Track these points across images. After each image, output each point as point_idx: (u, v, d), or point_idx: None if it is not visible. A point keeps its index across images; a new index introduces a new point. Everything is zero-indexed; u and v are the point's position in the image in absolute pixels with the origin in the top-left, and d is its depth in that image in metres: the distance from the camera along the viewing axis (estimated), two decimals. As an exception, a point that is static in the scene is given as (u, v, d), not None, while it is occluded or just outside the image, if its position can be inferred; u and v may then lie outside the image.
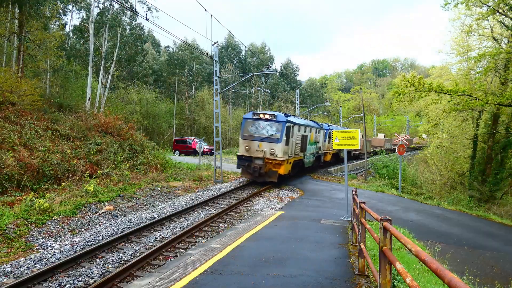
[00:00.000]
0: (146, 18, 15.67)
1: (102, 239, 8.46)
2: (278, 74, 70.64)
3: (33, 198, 10.45)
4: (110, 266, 6.92)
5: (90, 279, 6.28)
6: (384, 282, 3.47)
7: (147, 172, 18.28)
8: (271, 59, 68.40)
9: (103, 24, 27.67)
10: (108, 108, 28.17)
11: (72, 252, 7.54)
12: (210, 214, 11.51)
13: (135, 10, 16.49)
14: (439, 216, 13.37)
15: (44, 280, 6.19)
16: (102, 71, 27.95)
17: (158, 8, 42.27)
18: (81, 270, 6.63)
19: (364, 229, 5.64)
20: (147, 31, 49.54)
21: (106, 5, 28.14)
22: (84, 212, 10.87)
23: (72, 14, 35.23)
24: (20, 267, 6.66)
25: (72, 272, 6.58)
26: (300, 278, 5.30)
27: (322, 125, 25.97)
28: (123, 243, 8.35)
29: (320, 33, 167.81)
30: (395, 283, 4.90)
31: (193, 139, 35.21)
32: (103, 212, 11.11)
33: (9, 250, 7.64)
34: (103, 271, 6.64)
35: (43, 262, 6.94)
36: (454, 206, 16.67)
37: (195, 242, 8.65)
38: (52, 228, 9.16)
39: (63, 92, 28.70)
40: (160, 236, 8.96)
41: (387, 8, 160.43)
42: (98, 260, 7.23)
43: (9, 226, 8.60)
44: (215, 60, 18.74)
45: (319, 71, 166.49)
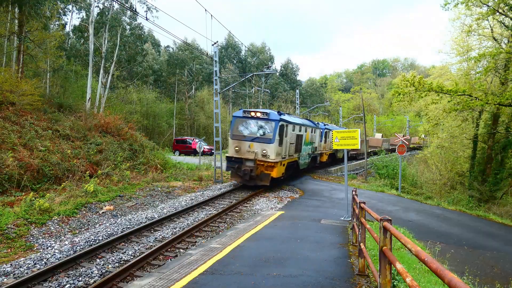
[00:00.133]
0: (146, 18, 15.68)
1: (102, 239, 8.46)
2: (278, 74, 70.63)
3: (33, 198, 10.44)
4: (110, 266, 6.92)
5: (90, 279, 6.28)
6: (384, 282, 3.47)
7: (147, 172, 18.28)
8: (271, 59, 68.40)
9: (103, 24, 27.68)
10: (108, 108, 28.17)
11: (72, 252, 7.54)
12: (210, 214, 11.51)
13: (135, 10, 16.51)
14: (439, 216, 13.36)
15: (44, 280, 6.19)
16: (102, 71, 27.96)
17: (158, 8, 42.35)
18: (81, 270, 6.63)
19: (364, 229, 5.64)
20: (147, 31, 49.61)
21: (106, 5, 28.18)
22: (84, 212, 10.87)
23: (72, 14, 35.31)
24: (20, 267, 6.66)
25: (72, 272, 6.58)
26: (300, 278, 5.30)
27: (318, 124, 24.98)
28: (123, 243, 8.35)
29: (320, 33, 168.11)
30: (395, 283, 4.90)
31: (193, 139, 35.18)
32: (103, 212, 11.11)
33: (9, 250, 7.64)
34: (103, 271, 6.65)
35: (43, 262, 6.94)
36: (454, 206, 16.66)
37: (195, 242, 8.65)
38: (52, 228, 9.16)
39: (63, 92, 28.72)
40: (160, 236, 8.96)
41: (387, 8, 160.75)
42: (98, 260, 7.23)
43: (9, 226, 8.60)
44: (215, 60, 18.74)
45: (319, 71, 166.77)
